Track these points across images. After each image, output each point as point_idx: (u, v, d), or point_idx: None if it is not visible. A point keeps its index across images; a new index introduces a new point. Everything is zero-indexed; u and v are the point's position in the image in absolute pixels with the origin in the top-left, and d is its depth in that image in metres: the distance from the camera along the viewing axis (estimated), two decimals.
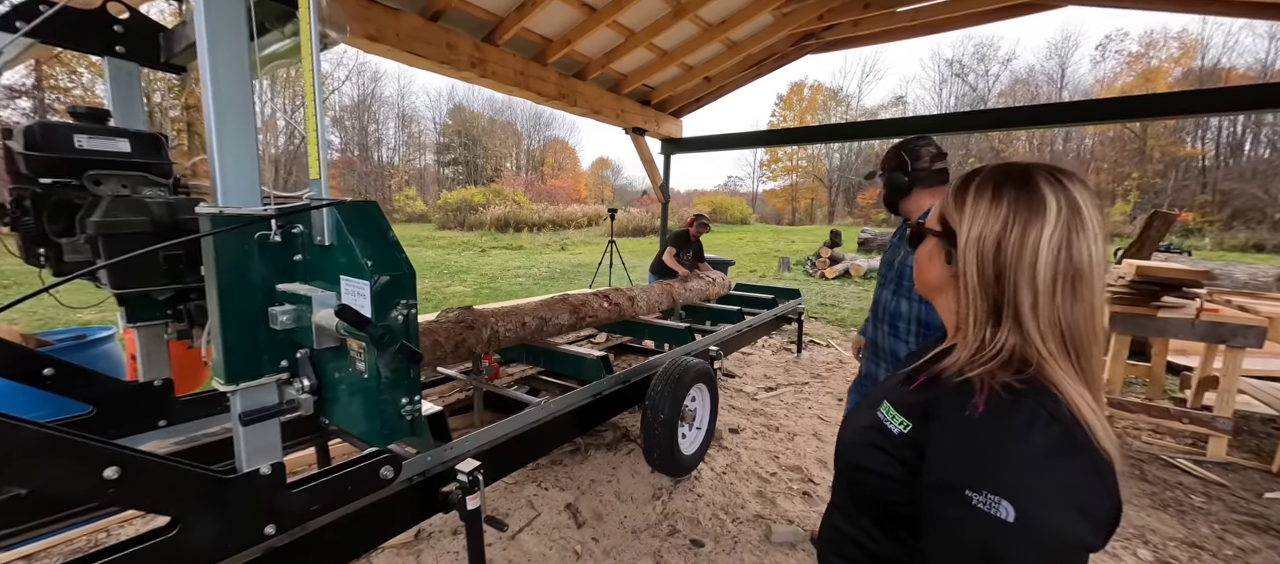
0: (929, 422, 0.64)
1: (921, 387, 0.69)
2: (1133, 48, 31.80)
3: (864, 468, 0.71)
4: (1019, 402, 0.58)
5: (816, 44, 5.71)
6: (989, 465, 0.57)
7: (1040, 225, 0.61)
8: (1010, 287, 0.62)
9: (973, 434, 0.59)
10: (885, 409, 0.71)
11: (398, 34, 3.39)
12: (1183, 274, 3.36)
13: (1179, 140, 28.46)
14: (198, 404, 1.75)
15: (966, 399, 0.61)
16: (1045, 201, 0.62)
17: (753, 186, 47.78)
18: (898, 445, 0.67)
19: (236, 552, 1.15)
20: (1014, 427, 0.57)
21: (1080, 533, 0.54)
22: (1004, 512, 0.54)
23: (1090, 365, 0.61)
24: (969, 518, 0.56)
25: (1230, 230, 20.97)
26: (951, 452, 0.60)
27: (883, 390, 0.78)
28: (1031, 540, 0.53)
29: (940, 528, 0.60)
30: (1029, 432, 0.56)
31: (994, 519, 0.54)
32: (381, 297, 1.01)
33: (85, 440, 0.92)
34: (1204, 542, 2.40)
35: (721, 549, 2.29)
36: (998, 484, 0.55)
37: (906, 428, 0.67)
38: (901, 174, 1.76)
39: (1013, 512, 0.53)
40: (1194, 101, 4.39)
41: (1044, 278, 0.61)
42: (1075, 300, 0.61)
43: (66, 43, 1.42)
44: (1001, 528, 0.54)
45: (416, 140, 43.91)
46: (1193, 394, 3.77)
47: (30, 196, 1.22)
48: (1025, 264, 0.61)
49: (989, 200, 0.65)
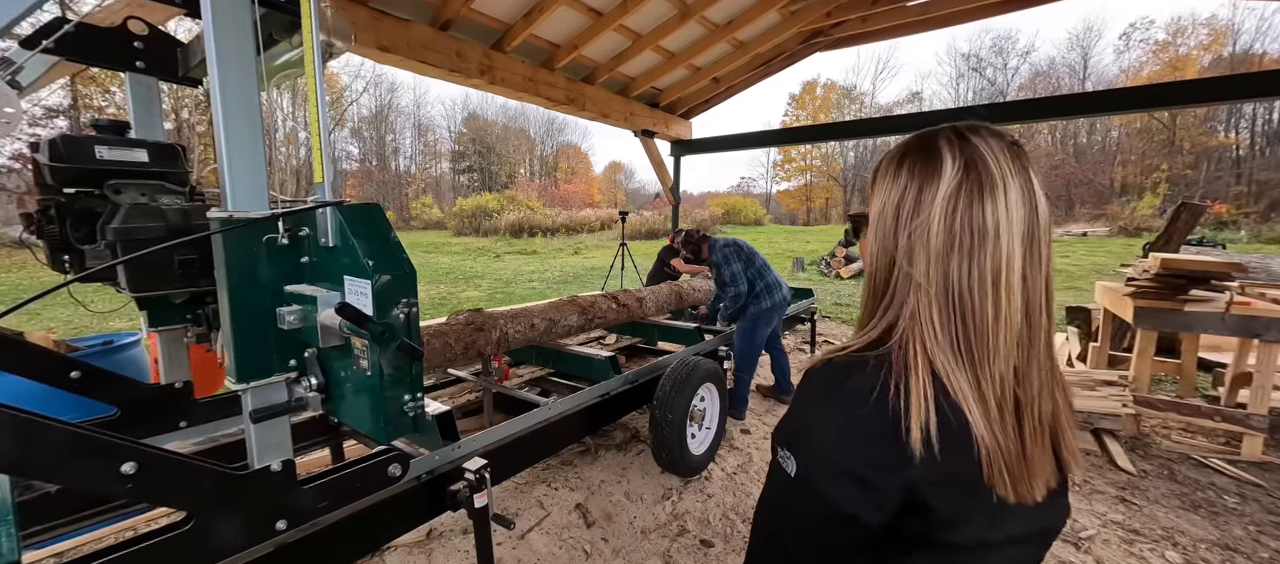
0: None
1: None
2: (1159, 36, 30.76)
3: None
4: (844, 369, 0.59)
5: (825, 42, 5.66)
6: (786, 426, 0.62)
7: (935, 185, 0.56)
8: (902, 256, 0.58)
9: (795, 399, 0.64)
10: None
11: (408, 44, 3.47)
12: (1211, 266, 3.24)
13: (1211, 130, 27.41)
14: (217, 405, 1.81)
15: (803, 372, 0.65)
16: (942, 160, 0.56)
17: (766, 187, 47.51)
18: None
19: (249, 546, 1.18)
20: (823, 389, 0.60)
21: (851, 499, 0.54)
22: (790, 467, 0.59)
23: (979, 344, 0.54)
24: (774, 473, 0.62)
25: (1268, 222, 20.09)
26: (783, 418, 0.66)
27: None
28: (805, 494, 0.57)
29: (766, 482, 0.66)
30: (831, 394, 0.58)
31: (784, 473, 0.60)
32: (383, 295, 1.03)
33: (105, 438, 0.96)
34: (1238, 544, 2.30)
35: (731, 549, 2.27)
36: (792, 439, 0.60)
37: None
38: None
39: (794, 466, 0.58)
40: (1226, 88, 4.22)
41: (937, 240, 0.55)
42: (971, 265, 0.54)
43: (89, 60, 1.49)
44: (788, 481, 0.59)
45: (432, 149, 44.72)
46: (1226, 391, 3.62)
47: (55, 206, 1.28)
48: (919, 228, 0.56)
49: (893, 172, 0.61)
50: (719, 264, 3.54)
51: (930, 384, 0.53)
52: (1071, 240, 19.35)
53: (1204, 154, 27.08)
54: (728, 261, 3.50)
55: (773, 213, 40.15)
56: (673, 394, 2.56)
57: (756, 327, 3.47)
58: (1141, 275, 3.43)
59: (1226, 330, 3.08)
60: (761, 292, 3.48)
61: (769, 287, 3.49)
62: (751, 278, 3.50)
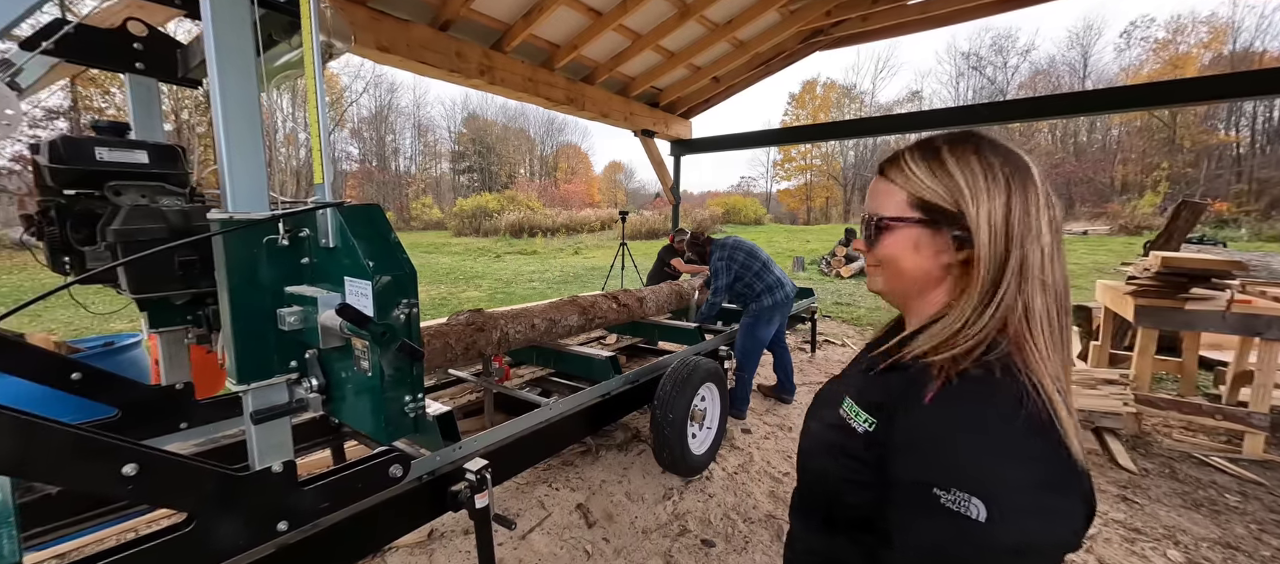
0: (893, 416, 0.60)
1: (882, 377, 0.64)
2: (1159, 34, 30.73)
3: (823, 473, 0.66)
4: (990, 389, 0.54)
5: (825, 41, 5.66)
6: (958, 460, 0.52)
7: (1033, 188, 0.60)
8: (1017, 256, 0.58)
9: (940, 426, 0.55)
10: (847, 406, 0.66)
11: (408, 44, 3.47)
12: (1211, 264, 3.24)
13: (1211, 128, 27.39)
14: (217, 407, 1.81)
15: (926, 389, 0.57)
16: (1028, 164, 0.61)
17: (767, 187, 47.50)
18: (863, 446, 0.62)
19: (250, 547, 1.19)
20: (985, 417, 0.53)
21: (1057, 530, 0.51)
22: (975, 511, 0.49)
23: (1066, 337, 0.59)
24: (938, 519, 0.51)
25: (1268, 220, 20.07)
26: (916, 447, 0.56)
27: (844, 385, 0.73)
28: (1005, 541, 0.49)
29: (909, 531, 0.54)
30: (1000, 422, 0.52)
31: (965, 519, 0.49)
32: (383, 296, 1.03)
33: (106, 439, 0.96)
34: (1239, 542, 2.30)
35: (732, 549, 2.27)
36: (967, 481, 0.51)
37: (871, 426, 0.62)
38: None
39: (984, 510, 0.49)
40: (1226, 86, 4.22)
41: (1047, 241, 0.59)
42: (1060, 262, 0.60)
43: (89, 61, 1.49)
44: (973, 528, 0.49)
45: (432, 149, 44.73)
46: (1228, 390, 3.62)
47: (55, 208, 1.29)
48: (1032, 230, 0.59)
49: (980, 169, 0.61)
50: (713, 267, 3.59)
51: (1057, 392, 0.54)
52: (1072, 239, 19.33)
53: (1204, 152, 27.07)
54: (719, 266, 3.55)
55: (773, 212, 40.15)
56: (674, 394, 2.56)
57: (757, 324, 3.47)
58: (1142, 274, 3.43)
59: (1227, 329, 3.08)
60: (762, 291, 3.48)
61: (770, 286, 3.49)
62: (749, 280, 3.51)
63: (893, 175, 0.68)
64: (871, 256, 0.71)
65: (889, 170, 0.69)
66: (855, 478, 0.63)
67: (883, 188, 0.69)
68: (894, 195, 0.67)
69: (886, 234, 0.67)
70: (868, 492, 0.61)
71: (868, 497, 0.61)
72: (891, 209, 0.67)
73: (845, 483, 0.64)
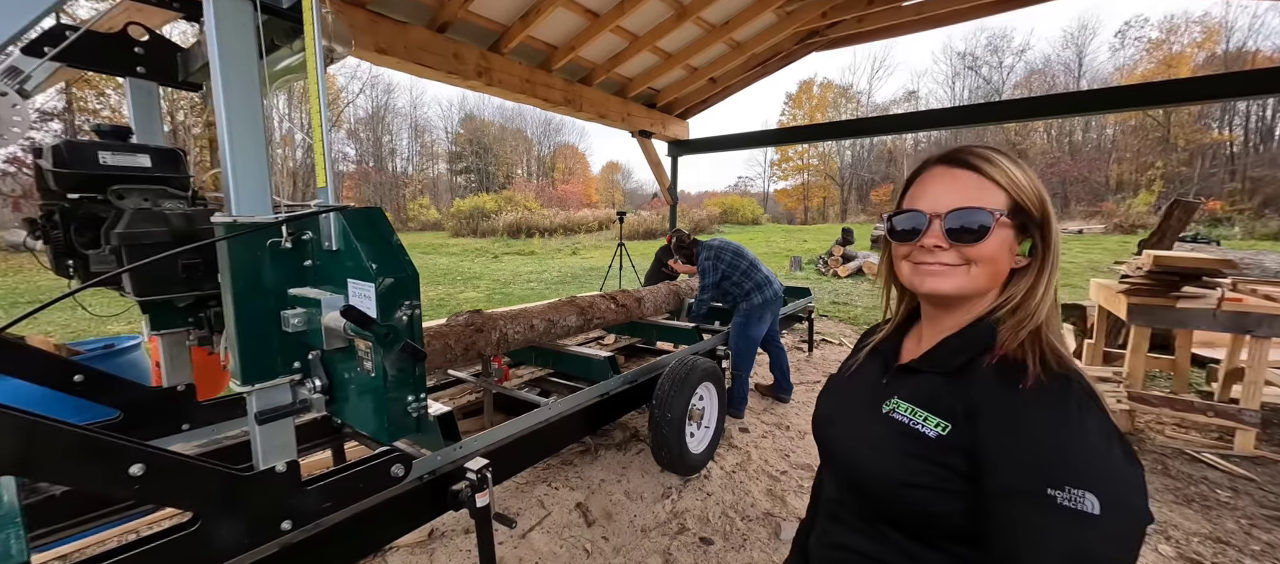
0: (976, 421, 0.59)
1: (952, 381, 0.64)
2: (1153, 34, 30.94)
3: (899, 483, 0.63)
4: (1066, 385, 0.56)
5: (821, 42, 5.69)
6: (1065, 459, 0.53)
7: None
8: (1054, 253, 0.65)
9: (1041, 428, 0.55)
10: (907, 411, 0.66)
11: (406, 46, 3.48)
12: (1203, 263, 3.28)
13: (1205, 127, 27.59)
14: (219, 408, 1.82)
15: (1013, 388, 0.58)
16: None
17: (764, 187, 47.59)
18: (938, 451, 0.61)
19: (254, 546, 1.20)
20: (1071, 413, 0.54)
21: (1144, 502, 0.53)
22: (1089, 505, 0.50)
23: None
24: (1057, 519, 0.51)
25: (1261, 218, 20.22)
26: (1021, 452, 0.55)
27: (880, 388, 0.73)
28: (1119, 530, 0.51)
29: (1023, 535, 0.53)
30: (1083, 416, 0.54)
31: (1082, 515, 0.50)
32: (386, 298, 1.05)
33: (113, 439, 0.98)
34: (1230, 537, 2.33)
35: (731, 547, 2.29)
36: (1078, 478, 0.51)
37: (945, 430, 0.61)
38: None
39: (1097, 503, 0.50)
40: (1219, 86, 4.26)
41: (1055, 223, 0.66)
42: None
43: (91, 65, 1.50)
44: (1094, 523, 0.50)
45: (429, 150, 44.66)
46: (1219, 387, 3.66)
47: (59, 211, 1.30)
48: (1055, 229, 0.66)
49: (1027, 171, 0.66)
50: (700, 266, 3.68)
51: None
52: (1067, 238, 19.42)
53: (1198, 151, 27.27)
54: (706, 266, 3.63)
55: (770, 212, 40.21)
56: (672, 393, 2.58)
57: (748, 323, 3.51)
58: (1135, 272, 3.47)
59: (1219, 326, 3.12)
60: (750, 289, 3.53)
61: (758, 283, 3.55)
62: (737, 278, 3.57)
63: (987, 170, 0.65)
64: (960, 254, 0.65)
65: (981, 164, 0.66)
66: (929, 483, 0.61)
67: (973, 181, 0.66)
68: (993, 193, 0.65)
69: (993, 232, 0.64)
70: (941, 494, 0.60)
71: (943, 499, 0.60)
72: (995, 205, 0.64)
73: (925, 492, 0.62)
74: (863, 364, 0.81)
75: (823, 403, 0.85)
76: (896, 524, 0.66)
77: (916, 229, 0.67)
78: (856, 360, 0.83)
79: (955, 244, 0.65)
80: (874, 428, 0.69)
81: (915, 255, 0.69)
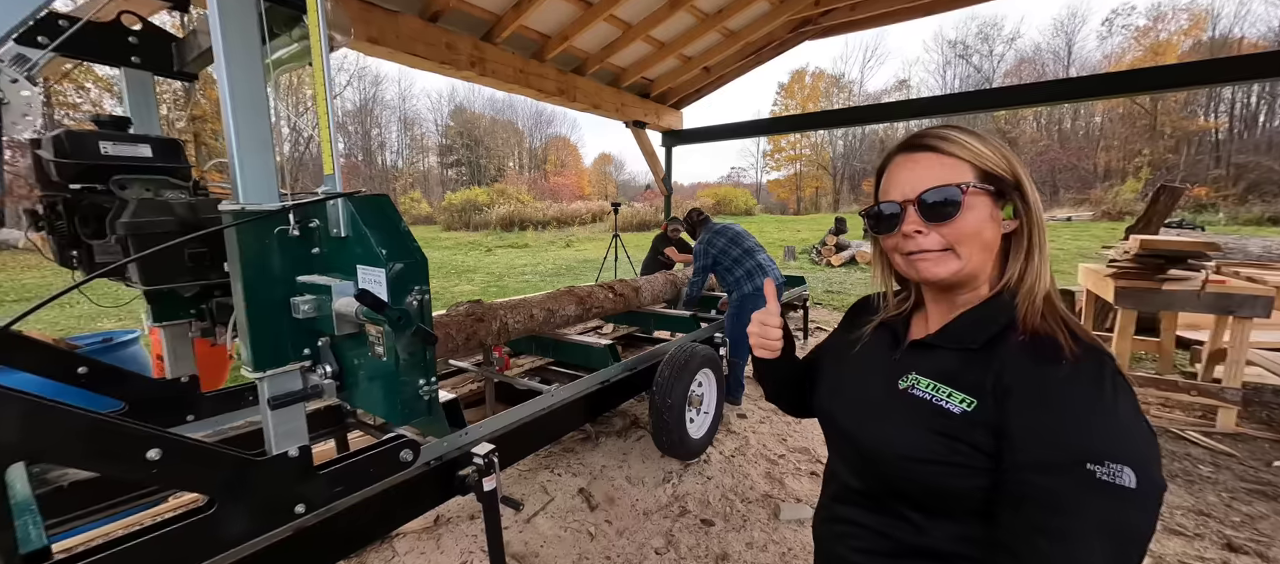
0: (1005, 397, 0.58)
1: (975, 357, 0.64)
2: (1140, 21, 31.22)
3: (919, 459, 0.63)
4: (1100, 362, 0.57)
5: (815, 30, 5.69)
6: (1105, 435, 0.53)
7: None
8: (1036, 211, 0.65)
9: (1080, 404, 0.54)
10: (929, 387, 0.65)
11: (398, 36, 3.45)
12: (1187, 245, 3.35)
13: (1191, 114, 27.94)
14: (223, 399, 1.83)
15: (1047, 365, 0.57)
16: None
17: (756, 177, 47.63)
18: (963, 428, 0.60)
19: (268, 529, 1.22)
20: (1106, 389, 0.54)
21: (1163, 478, 0.53)
22: (1127, 479, 0.50)
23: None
24: (1097, 493, 0.50)
25: (1245, 204, 20.60)
26: (1059, 428, 0.55)
27: (893, 363, 0.72)
28: (1151, 503, 0.51)
29: (1061, 509, 0.52)
30: (1117, 393, 0.55)
31: (1122, 488, 0.50)
32: (397, 283, 1.06)
33: (131, 426, 0.99)
34: (1211, 509, 2.42)
35: (731, 527, 2.34)
36: (1116, 453, 0.51)
37: (971, 406, 0.61)
38: None
39: (1134, 477, 0.50)
40: (1205, 72, 4.31)
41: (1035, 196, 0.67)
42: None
43: (86, 55, 1.49)
44: (1129, 497, 0.50)
45: (419, 143, 44.20)
46: (1203, 367, 3.75)
47: (62, 202, 1.29)
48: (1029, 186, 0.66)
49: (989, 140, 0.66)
50: (695, 251, 3.71)
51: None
52: (1056, 225, 19.67)
53: (1185, 138, 27.62)
54: (698, 251, 3.66)
55: (763, 202, 40.30)
56: (672, 379, 2.62)
57: (743, 309, 3.53)
58: (1122, 256, 3.54)
59: (1202, 308, 3.19)
60: (741, 276, 3.54)
61: (750, 271, 3.54)
62: (728, 265, 3.56)
63: (947, 148, 0.65)
64: (941, 236, 0.65)
65: (939, 144, 0.66)
66: (963, 462, 0.60)
67: (935, 161, 0.65)
68: (957, 168, 0.64)
69: (967, 207, 0.63)
70: (964, 471, 0.60)
71: (967, 475, 0.60)
72: (962, 178, 0.63)
73: (945, 467, 0.61)
74: (870, 340, 0.80)
75: (827, 372, 0.85)
76: (907, 498, 0.66)
77: (894, 216, 0.68)
78: (862, 335, 0.82)
79: (933, 224, 0.65)
80: (891, 404, 0.68)
81: (903, 245, 0.69)
